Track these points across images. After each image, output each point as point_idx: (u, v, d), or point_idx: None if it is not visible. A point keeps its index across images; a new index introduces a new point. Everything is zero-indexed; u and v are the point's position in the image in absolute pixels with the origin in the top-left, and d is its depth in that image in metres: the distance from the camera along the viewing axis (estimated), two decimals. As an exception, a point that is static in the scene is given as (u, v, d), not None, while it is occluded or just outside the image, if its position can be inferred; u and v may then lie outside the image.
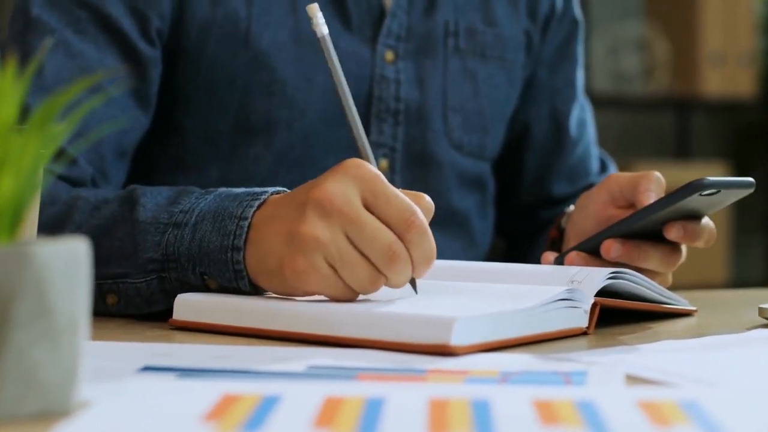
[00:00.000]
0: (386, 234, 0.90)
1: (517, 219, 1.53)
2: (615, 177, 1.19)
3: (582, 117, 1.53)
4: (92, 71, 1.21)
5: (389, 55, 1.35)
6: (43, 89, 1.18)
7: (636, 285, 1.03)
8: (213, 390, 0.68)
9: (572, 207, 1.28)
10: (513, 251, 1.55)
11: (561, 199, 1.49)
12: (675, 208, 1.07)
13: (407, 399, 0.67)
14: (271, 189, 0.99)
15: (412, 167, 1.37)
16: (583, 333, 0.96)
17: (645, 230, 1.10)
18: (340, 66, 1.01)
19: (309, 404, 0.65)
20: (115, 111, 1.23)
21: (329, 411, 0.64)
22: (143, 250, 1.01)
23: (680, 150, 4.57)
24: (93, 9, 1.23)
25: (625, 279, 1.02)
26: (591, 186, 1.31)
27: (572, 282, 0.99)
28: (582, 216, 1.23)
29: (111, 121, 1.21)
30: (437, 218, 1.40)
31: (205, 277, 0.98)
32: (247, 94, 1.29)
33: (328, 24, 1.31)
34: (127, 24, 1.24)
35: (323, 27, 1.01)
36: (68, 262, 0.62)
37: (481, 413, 0.64)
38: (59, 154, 1.14)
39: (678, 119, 4.58)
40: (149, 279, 1.01)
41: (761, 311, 1.03)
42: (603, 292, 1.00)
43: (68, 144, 1.16)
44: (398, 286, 0.92)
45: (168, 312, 0.99)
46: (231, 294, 0.98)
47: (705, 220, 1.12)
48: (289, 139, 1.30)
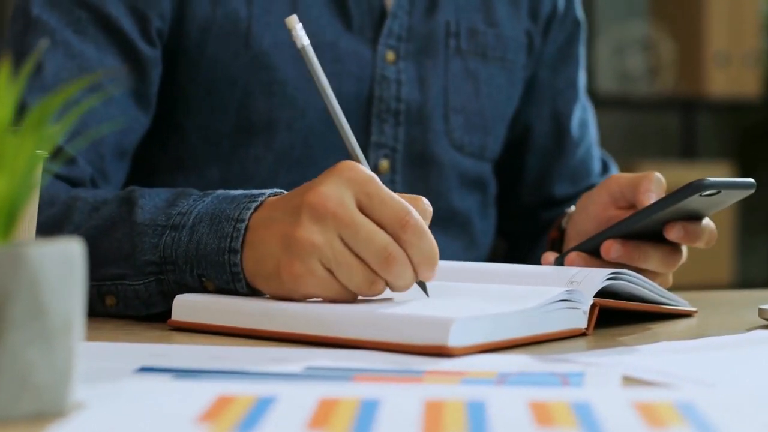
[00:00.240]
0: (381, 236, 0.90)
1: (519, 220, 1.53)
2: (615, 178, 1.19)
3: (584, 118, 1.53)
4: (92, 71, 1.21)
5: (390, 56, 1.34)
6: (43, 89, 1.18)
7: (635, 286, 1.03)
8: (208, 391, 0.68)
9: (573, 208, 1.28)
10: (514, 252, 1.55)
11: (562, 200, 1.48)
12: (675, 209, 1.06)
13: (402, 400, 0.66)
14: (269, 191, 0.99)
15: (413, 167, 1.37)
16: (582, 334, 0.96)
17: (645, 231, 1.10)
18: (324, 75, 1.01)
19: (304, 405, 0.65)
20: (115, 111, 1.23)
21: (324, 412, 0.64)
22: (141, 252, 1.01)
23: (685, 150, 4.55)
24: (93, 9, 1.23)
25: (625, 280, 1.02)
26: (592, 187, 1.30)
27: (571, 283, 0.99)
28: (582, 217, 1.22)
29: (109, 121, 1.21)
30: (438, 219, 1.40)
31: (203, 279, 0.98)
32: (248, 95, 1.29)
33: (329, 24, 1.32)
34: (127, 24, 1.24)
35: (303, 39, 1.00)
36: (63, 263, 0.62)
37: (476, 415, 0.64)
38: (57, 153, 1.14)
39: (683, 119, 4.57)
40: (147, 281, 1.01)
41: (761, 312, 1.03)
42: (602, 293, 1.00)
43: (66, 143, 1.16)
44: (401, 289, 0.92)
45: (167, 312, 0.99)
46: (229, 295, 0.97)
47: (705, 221, 1.12)
48: (290, 140, 1.30)
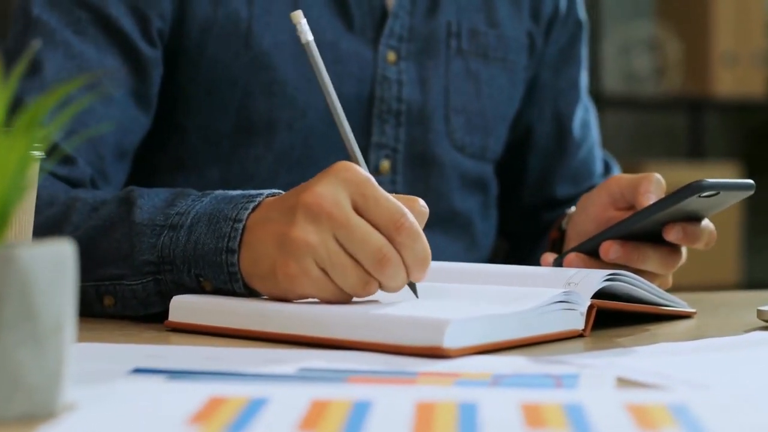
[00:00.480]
0: (376, 237, 0.90)
1: (520, 220, 1.53)
2: (615, 179, 1.19)
3: (586, 119, 1.52)
4: (92, 72, 1.21)
5: (391, 56, 1.34)
6: (42, 89, 1.18)
7: (633, 287, 1.03)
8: (200, 392, 0.68)
9: (573, 208, 1.27)
10: (516, 253, 1.54)
11: (564, 201, 1.48)
12: (675, 210, 1.06)
13: (395, 402, 0.66)
14: (267, 191, 0.99)
15: (414, 168, 1.37)
16: (580, 335, 0.96)
17: (645, 232, 1.10)
18: (326, 72, 1.01)
19: (296, 407, 0.65)
20: (115, 112, 1.23)
21: (315, 414, 0.64)
22: (139, 252, 1.01)
23: (692, 150, 4.55)
24: (93, 9, 1.23)
25: (623, 281, 1.01)
26: (594, 187, 1.30)
27: (569, 284, 0.99)
28: (582, 217, 1.22)
29: (103, 120, 1.21)
30: (439, 219, 1.40)
31: (201, 279, 0.98)
32: (248, 95, 1.29)
33: (330, 25, 1.32)
34: (128, 24, 1.24)
35: (308, 34, 1.00)
36: (54, 265, 0.62)
37: (468, 416, 0.64)
38: (55, 153, 1.14)
39: (690, 119, 4.57)
40: (145, 281, 1.01)
41: (760, 313, 1.03)
42: (601, 294, 1.00)
43: (64, 143, 1.16)
44: (394, 290, 0.92)
45: (165, 313, 0.99)
46: (226, 296, 0.97)
47: (705, 222, 1.11)
48: (290, 140, 1.30)
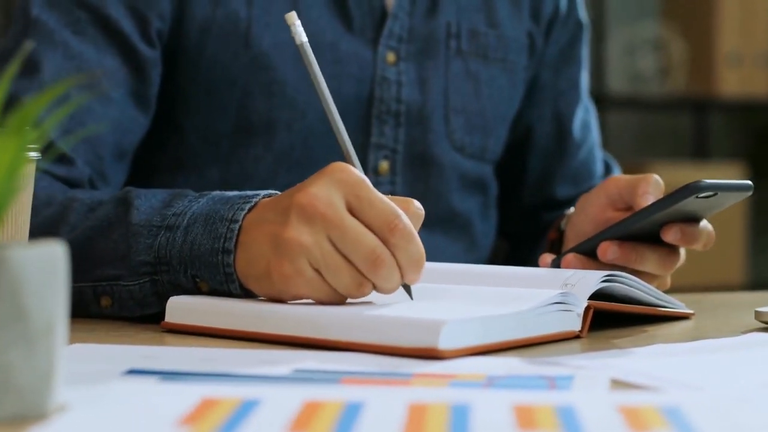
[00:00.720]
0: (369, 238, 0.89)
1: (520, 221, 1.52)
2: (614, 179, 1.19)
3: (586, 119, 1.52)
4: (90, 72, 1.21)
5: (391, 57, 1.34)
6: (41, 90, 1.18)
7: (631, 288, 1.02)
8: (193, 393, 0.68)
9: (572, 209, 1.27)
10: (516, 253, 1.54)
11: (564, 202, 1.48)
12: (672, 211, 1.06)
13: (387, 403, 0.66)
14: (263, 192, 0.99)
15: (414, 169, 1.37)
16: (577, 336, 0.96)
17: (643, 233, 1.09)
18: (321, 72, 1.01)
19: (287, 408, 0.65)
20: (114, 112, 1.23)
21: (306, 415, 0.63)
22: (136, 253, 1.01)
23: (697, 151, 4.54)
24: (93, 10, 1.23)
25: (620, 282, 1.01)
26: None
27: (566, 285, 0.98)
28: (581, 218, 1.22)
29: (102, 121, 1.21)
30: (438, 220, 1.40)
31: (197, 280, 0.98)
32: (247, 95, 1.29)
33: (330, 25, 1.32)
34: (127, 25, 1.24)
35: (302, 35, 1.00)
36: (45, 266, 0.62)
37: (459, 418, 0.63)
38: (53, 153, 1.14)
39: (695, 120, 4.56)
40: (142, 282, 1.01)
41: (758, 315, 1.03)
42: (599, 296, 1.00)
43: (60, 143, 1.16)
44: (388, 292, 0.92)
45: (162, 314, 0.99)
46: (223, 297, 0.97)
47: (703, 223, 1.11)
48: (289, 140, 1.30)
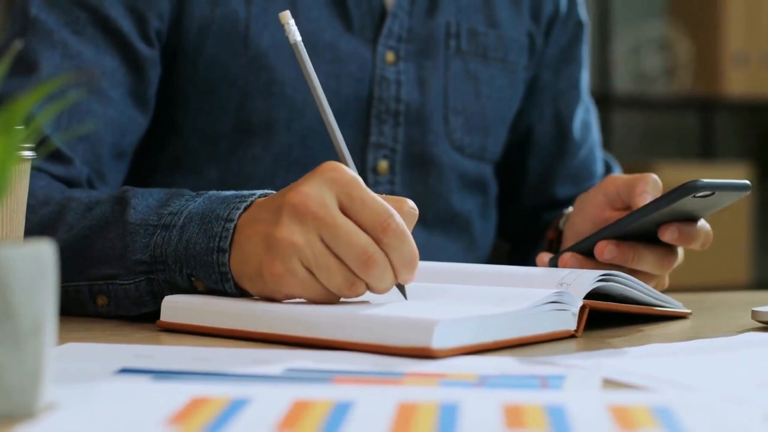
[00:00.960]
0: (361, 238, 0.89)
1: (521, 221, 1.52)
2: (612, 179, 1.18)
3: (586, 119, 1.52)
4: (84, 70, 1.21)
5: (390, 56, 1.34)
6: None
7: (628, 287, 1.02)
8: (183, 392, 0.68)
9: (570, 208, 1.27)
10: (517, 253, 1.54)
11: (565, 202, 1.47)
12: (670, 210, 1.06)
13: (376, 402, 0.66)
14: (259, 192, 0.99)
15: (413, 169, 1.37)
16: (572, 336, 0.95)
17: (640, 232, 1.09)
18: (314, 71, 1.01)
19: (276, 407, 0.65)
20: (113, 112, 1.23)
21: (295, 414, 0.63)
22: (132, 252, 1.01)
23: (703, 151, 4.54)
24: (92, 9, 1.23)
25: (617, 281, 1.01)
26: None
27: (561, 284, 0.98)
28: (579, 218, 1.22)
29: (101, 120, 1.21)
30: (438, 220, 1.40)
31: (193, 279, 0.98)
32: (246, 95, 1.29)
33: (329, 25, 1.32)
34: (126, 24, 1.24)
35: (296, 34, 1.00)
36: (33, 266, 0.62)
37: (448, 417, 0.63)
38: (45, 148, 1.14)
39: (701, 120, 4.55)
40: (138, 281, 1.01)
41: (754, 314, 1.02)
42: (595, 295, 1.00)
43: (55, 141, 1.17)
44: (381, 292, 0.92)
45: (159, 313, 0.99)
46: (218, 296, 0.97)
47: (701, 223, 1.11)
48: (288, 140, 1.30)
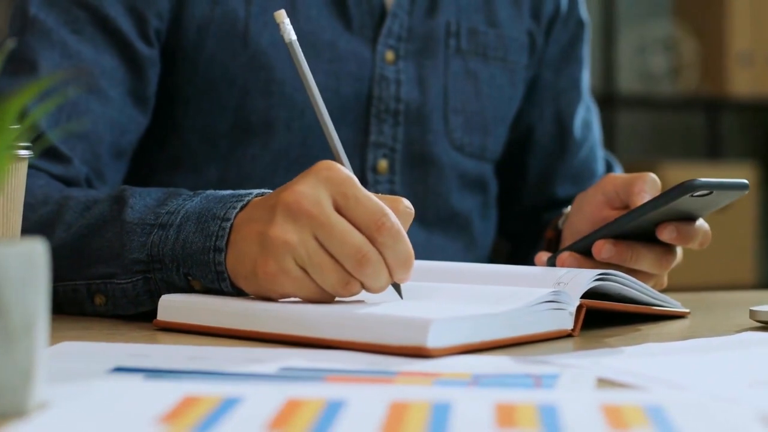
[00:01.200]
0: (355, 237, 0.89)
1: (521, 221, 1.52)
2: (610, 178, 1.18)
3: (587, 118, 1.52)
4: (80, 67, 1.21)
5: (390, 56, 1.34)
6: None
7: (625, 287, 1.02)
8: (176, 391, 0.68)
9: (569, 208, 1.27)
10: (517, 253, 1.54)
11: (565, 201, 1.47)
12: (668, 209, 1.06)
13: (368, 401, 0.66)
14: (256, 191, 0.98)
15: (413, 168, 1.37)
16: (569, 335, 0.95)
17: (638, 231, 1.09)
18: (310, 72, 1.00)
19: (268, 406, 0.65)
20: (112, 111, 1.23)
21: (286, 413, 0.63)
22: (129, 251, 1.01)
23: (709, 150, 4.53)
24: (91, 9, 1.23)
25: (615, 281, 1.01)
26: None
27: (558, 284, 0.98)
28: (578, 217, 1.21)
29: (100, 119, 1.21)
30: (438, 219, 1.40)
31: (190, 278, 0.98)
32: (246, 94, 1.29)
33: (329, 24, 1.32)
34: (125, 24, 1.24)
35: (291, 33, 1.00)
36: (24, 264, 0.62)
37: (439, 416, 0.63)
38: (41, 146, 1.15)
39: (707, 119, 4.55)
40: (135, 280, 1.01)
41: (752, 314, 1.02)
42: (593, 294, 0.99)
43: (51, 135, 1.17)
44: (377, 291, 0.91)
45: (156, 312, 0.99)
46: (215, 295, 0.97)
47: (699, 222, 1.11)
48: (288, 139, 1.30)
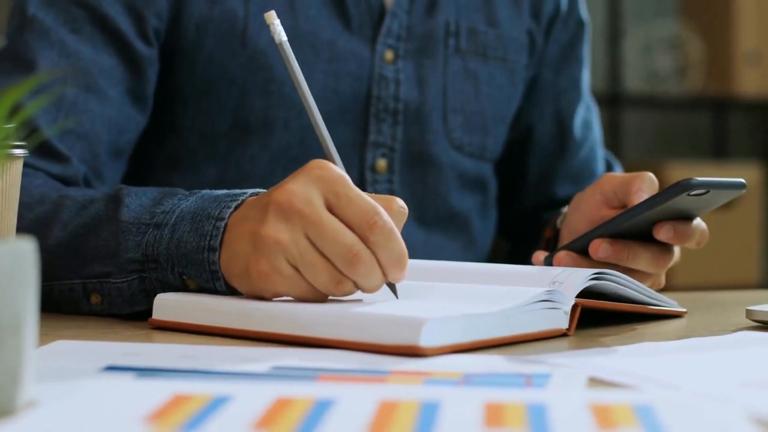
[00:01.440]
0: (347, 236, 0.89)
1: (521, 221, 1.52)
2: (608, 177, 1.18)
3: (587, 118, 1.51)
4: (87, 71, 1.21)
5: (389, 55, 1.34)
6: (36, 88, 1.18)
7: (622, 286, 1.02)
8: (165, 390, 0.68)
9: (567, 207, 1.27)
10: (517, 253, 1.54)
11: (565, 201, 1.47)
12: (664, 208, 1.05)
13: (358, 400, 0.66)
14: (250, 191, 0.99)
15: (412, 167, 1.36)
16: (564, 334, 0.95)
17: (635, 230, 1.09)
18: (301, 72, 1.00)
19: (257, 405, 0.65)
20: (111, 110, 1.23)
21: (274, 412, 0.63)
22: (124, 250, 1.01)
23: (716, 150, 4.53)
24: (90, 8, 1.24)
25: (611, 280, 1.01)
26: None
27: (554, 283, 0.98)
28: (576, 216, 1.21)
29: (98, 119, 1.21)
30: (437, 219, 1.40)
31: (184, 278, 0.98)
32: (245, 94, 1.29)
33: (328, 23, 1.32)
34: (124, 23, 1.24)
35: (281, 34, 1.00)
36: (12, 262, 0.62)
37: (428, 415, 0.63)
38: (42, 146, 1.15)
39: (713, 119, 4.55)
40: (130, 279, 1.01)
41: (749, 313, 1.02)
42: (590, 294, 0.99)
43: (55, 140, 1.17)
44: (370, 290, 0.91)
45: (151, 311, 0.99)
46: (210, 294, 0.97)
47: (697, 221, 1.11)
48: (287, 139, 1.30)
